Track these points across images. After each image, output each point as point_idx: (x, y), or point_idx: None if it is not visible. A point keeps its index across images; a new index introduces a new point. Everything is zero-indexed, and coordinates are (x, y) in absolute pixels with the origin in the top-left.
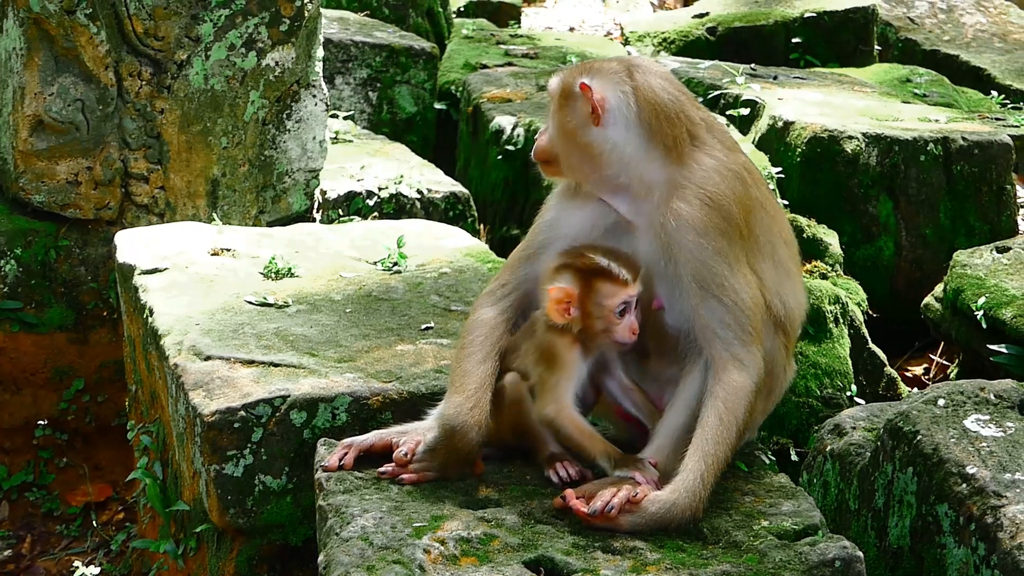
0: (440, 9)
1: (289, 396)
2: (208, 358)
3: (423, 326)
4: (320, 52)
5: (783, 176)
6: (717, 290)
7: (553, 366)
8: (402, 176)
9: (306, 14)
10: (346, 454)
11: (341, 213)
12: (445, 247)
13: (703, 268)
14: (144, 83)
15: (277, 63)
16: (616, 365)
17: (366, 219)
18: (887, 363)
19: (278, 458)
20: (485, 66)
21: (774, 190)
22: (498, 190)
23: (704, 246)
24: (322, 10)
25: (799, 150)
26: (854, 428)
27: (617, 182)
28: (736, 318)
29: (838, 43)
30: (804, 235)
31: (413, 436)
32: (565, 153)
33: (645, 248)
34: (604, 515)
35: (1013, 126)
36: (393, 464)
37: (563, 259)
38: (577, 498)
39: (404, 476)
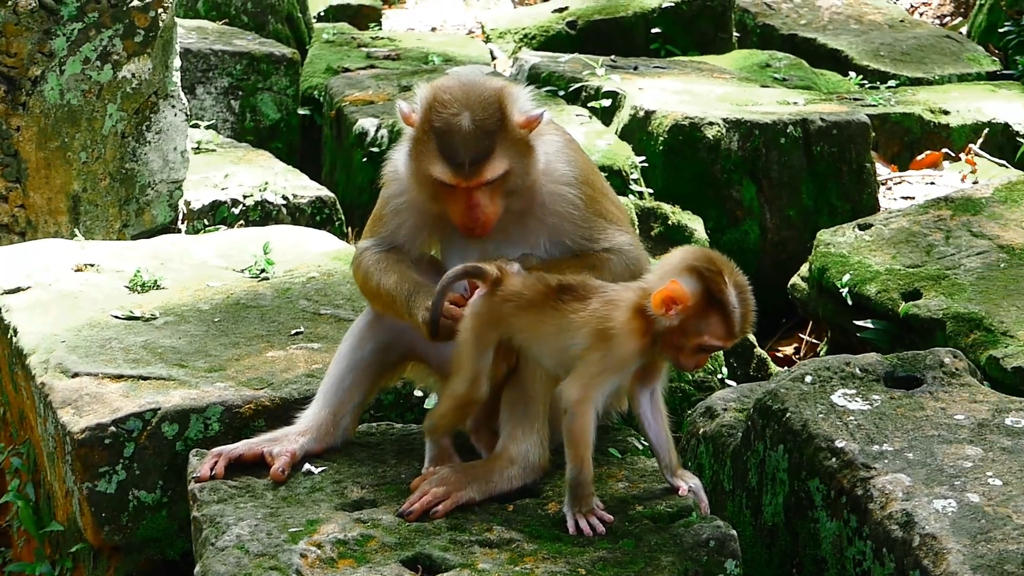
0: (300, 14)
1: (160, 409)
2: (76, 375)
3: (293, 331)
4: (177, 62)
5: (646, 165)
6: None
7: (609, 356)
8: (267, 183)
9: (160, 24)
10: (216, 463)
11: (207, 223)
12: (312, 252)
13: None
14: None
15: (134, 75)
16: (662, 380)
17: (232, 227)
18: (757, 344)
19: (151, 472)
20: (347, 69)
21: (637, 179)
22: (364, 193)
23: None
24: (179, 20)
25: (661, 139)
26: (725, 410)
27: None
28: None
29: (697, 32)
30: (669, 222)
31: (285, 446)
32: (518, 186)
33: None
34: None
35: (871, 105)
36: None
37: (701, 263)
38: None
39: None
